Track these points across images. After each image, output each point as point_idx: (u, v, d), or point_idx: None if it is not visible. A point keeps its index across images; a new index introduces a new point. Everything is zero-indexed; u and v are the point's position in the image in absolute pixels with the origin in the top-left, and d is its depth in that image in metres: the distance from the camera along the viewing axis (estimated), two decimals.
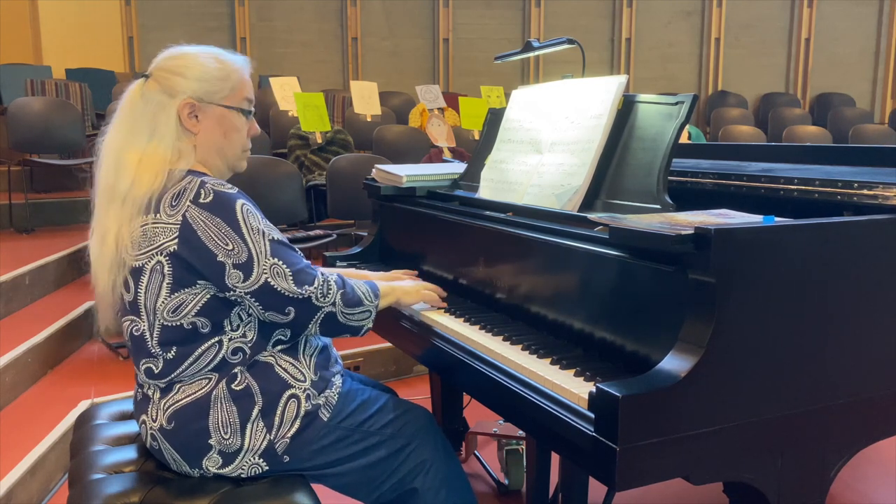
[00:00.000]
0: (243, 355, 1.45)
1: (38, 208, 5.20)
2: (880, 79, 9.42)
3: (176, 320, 1.41)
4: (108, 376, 3.09)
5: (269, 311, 1.42)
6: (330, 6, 7.97)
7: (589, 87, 1.71)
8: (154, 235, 1.40)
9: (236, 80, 1.52)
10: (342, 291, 1.47)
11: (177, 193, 1.40)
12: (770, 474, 1.22)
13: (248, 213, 1.41)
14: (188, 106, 1.47)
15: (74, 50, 7.11)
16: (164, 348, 1.42)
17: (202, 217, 1.38)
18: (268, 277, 1.39)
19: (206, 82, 1.48)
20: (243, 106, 1.54)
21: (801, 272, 1.20)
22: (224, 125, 1.52)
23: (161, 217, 1.40)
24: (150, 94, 1.47)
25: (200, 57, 1.50)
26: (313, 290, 1.43)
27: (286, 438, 1.45)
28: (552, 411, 1.19)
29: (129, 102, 1.49)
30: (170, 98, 1.46)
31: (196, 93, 1.47)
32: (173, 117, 1.46)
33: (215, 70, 1.50)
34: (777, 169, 1.70)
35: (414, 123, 6.36)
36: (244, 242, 1.38)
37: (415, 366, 3.52)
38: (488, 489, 2.45)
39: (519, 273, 1.62)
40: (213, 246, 1.38)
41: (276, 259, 1.40)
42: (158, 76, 1.48)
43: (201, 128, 1.49)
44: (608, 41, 8.78)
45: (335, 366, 1.59)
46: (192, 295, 1.40)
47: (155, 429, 1.44)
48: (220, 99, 1.50)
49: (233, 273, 1.38)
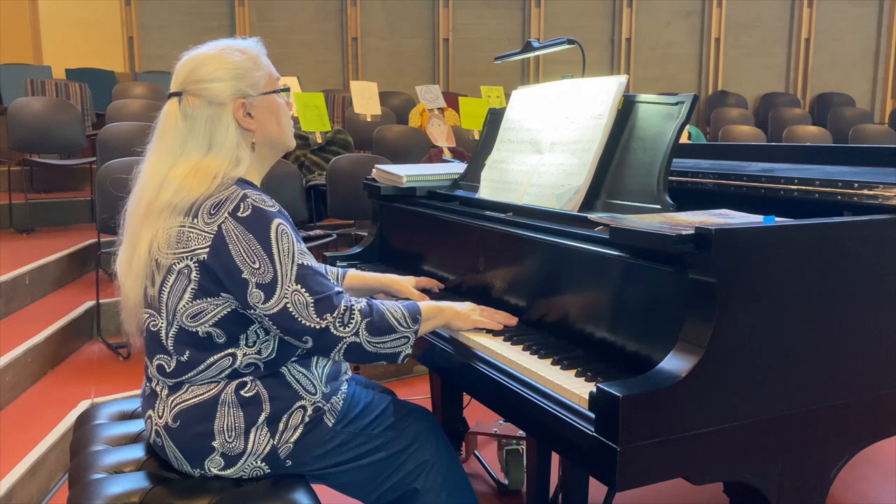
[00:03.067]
0: (256, 368, 1.43)
1: (38, 208, 5.20)
2: (880, 79, 9.42)
3: (193, 326, 1.40)
4: (108, 376, 3.09)
5: (288, 335, 1.40)
6: (330, 6, 7.97)
7: (589, 87, 1.71)
8: (188, 239, 1.38)
9: (265, 64, 1.50)
10: (368, 320, 1.40)
11: (217, 203, 1.38)
12: (770, 474, 1.22)
13: (282, 234, 1.38)
14: (242, 106, 1.44)
15: (74, 50, 7.11)
16: (178, 349, 1.41)
17: (237, 231, 1.36)
18: (287, 303, 1.35)
19: (245, 77, 1.45)
20: (280, 86, 1.52)
21: (802, 272, 1.20)
22: (275, 111, 1.50)
23: (198, 223, 1.38)
24: (193, 109, 1.42)
25: (225, 55, 1.46)
26: (332, 319, 1.37)
27: (289, 444, 1.44)
28: (553, 411, 1.19)
29: (171, 124, 1.44)
30: (219, 106, 1.43)
31: (241, 91, 1.44)
32: (231, 124, 1.43)
33: (245, 61, 1.46)
34: (777, 169, 1.70)
35: (414, 123, 6.36)
36: (271, 263, 1.35)
37: (415, 366, 3.52)
38: (488, 489, 2.45)
39: (519, 273, 1.62)
40: (241, 262, 1.35)
41: (299, 285, 1.36)
42: (194, 90, 1.43)
43: (257, 123, 1.47)
44: (608, 41, 8.77)
45: (344, 375, 1.58)
46: (213, 305, 1.39)
47: (160, 425, 1.44)
48: (262, 87, 1.47)
49: (254, 293, 1.36)
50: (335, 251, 2.55)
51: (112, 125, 4.64)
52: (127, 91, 6.51)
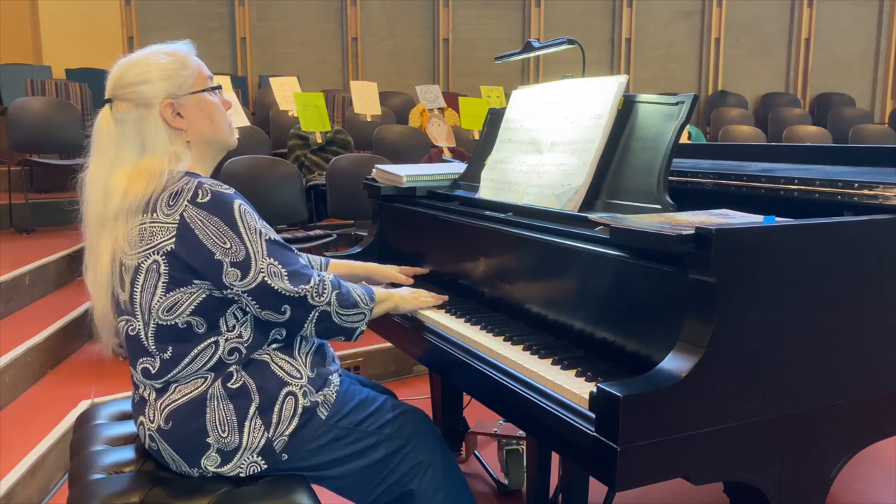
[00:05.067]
0: (239, 355, 1.45)
1: (38, 208, 5.19)
2: (880, 79, 9.42)
3: (171, 319, 1.41)
4: (108, 376, 3.09)
5: (266, 309, 1.42)
6: (330, 6, 7.96)
7: (589, 87, 1.71)
8: (151, 235, 1.40)
9: (193, 65, 1.52)
10: (337, 292, 1.49)
11: (174, 193, 1.40)
12: (770, 474, 1.22)
13: (246, 213, 1.41)
14: (168, 106, 1.46)
15: (74, 50, 7.10)
16: (160, 347, 1.42)
17: (200, 216, 1.38)
18: (265, 276, 1.40)
19: (171, 78, 1.47)
20: (210, 85, 1.54)
21: (802, 272, 1.20)
22: (205, 109, 1.52)
23: (158, 216, 1.40)
24: (123, 114, 1.45)
25: (152, 58, 1.49)
26: (309, 288, 1.44)
27: (284, 436, 1.45)
28: (553, 411, 1.19)
29: (104, 131, 1.47)
30: (147, 108, 1.45)
31: (168, 91, 1.47)
32: (160, 124, 1.46)
33: (172, 63, 1.49)
34: (777, 169, 1.70)
35: (414, 123, 6.36)
36: (241, 241, 1.39)
37: (415, 366, 3.52)
38: (488, 489, 2.45)
39: (519, 273, 1.62)
40: (211, 245, 1.38)
41: (272, 259, 1.41)
42: (123, 94, 1.46)
43: (187, 122, 1.49)
44: (608, 41, 8.77)
45: (332, 364, 1.59)
46: (187, 294, 1.41)
47: (153, 430, 1.44)
48: (190, 87, 1.50)
49: (230, 272, 1.39)
50: (335, 251, 2.54)
51: None
52: None
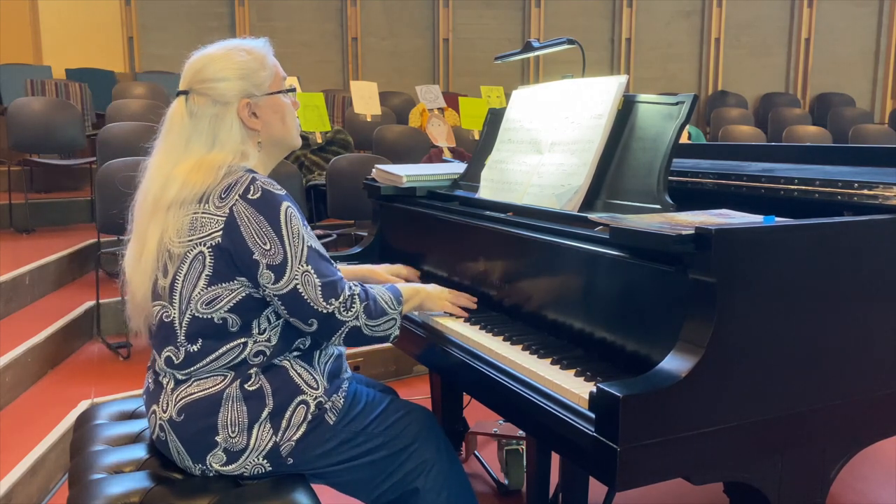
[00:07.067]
0: (263, 358, 1.45)
1: (38, 208, 5.20)
2: (880, 79, 9.42)
3: (208, 313, 1.41)
4: (108, 376, 3.09)
5: (294, 317, 1.42)
6: (330, 6, 7.96)
7: (589, 87, 1.71)
8: (201, 225, 1.40)
9: (271, 64, 1.52)
10: (365, 304, 1.46)
11: (227, 186, 1.41)
12: (770, 474, 1.22)
13: (292, 217, 1.41)
14: (246, 106, 1.47)
15: (74, 50, 7.10)
16: (190, 340, 1.42)
17: (247, 213, 1.39)
18: (297, 284, 1.39)
19: (250, 77, 1.48)
20: (286, 86, 1.55)
21: (802, 272, 1.20)
22: (279, 111, 1.52)
23: (210, 208, 1.40)
24: (198, 108, 1.45)
25: (232, 55, 1.48)
26: (338, 304, 1.42)
27: (291, 441, 1.45)
28: (553, 411, 1.19)
29: (177, 122, 1.47)
30: (224, 106, 1.45)
31: (247, 91, 1.47)
32: (235, 123, 1.46)
33: (251, 62, 1.49)
34: (777, 169, 1.70)
35: (414, 123, 6.36)
36: (282, 244, 1.39)
37: (415, 366, 3.52)
38: (488, 489, 2.45)
39: (519, 273, 1.62)
40: (252, 244, 1.38)
41: (309, 266, 1.40)
42: (201, 89, 1.46)
43: (262, 122, 1.50)
44: (608, 41, 8.77)
45: (345, 373, 1.59)
46: (228, 290, 1.41)
47: (164, 419, 1.44)
48: (267, 87, 1.50)
49: (265, 273, 1.39)
50: (335, 251, 2.54)
51: (112, 125, 4.65)
52: (127, 91, 6.51)
